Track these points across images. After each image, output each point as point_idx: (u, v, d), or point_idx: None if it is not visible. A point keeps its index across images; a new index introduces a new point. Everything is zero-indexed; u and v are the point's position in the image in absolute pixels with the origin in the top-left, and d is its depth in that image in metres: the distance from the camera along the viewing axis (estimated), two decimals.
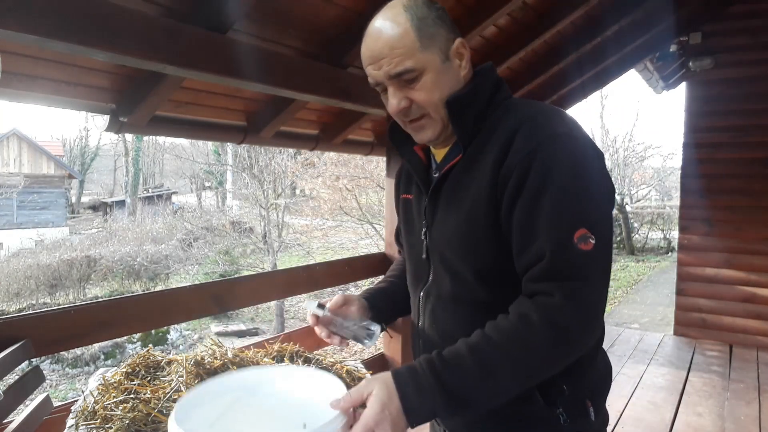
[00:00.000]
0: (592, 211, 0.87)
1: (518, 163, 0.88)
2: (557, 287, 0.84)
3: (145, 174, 30.46)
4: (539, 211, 0.87)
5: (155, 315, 2.17)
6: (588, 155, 0.91)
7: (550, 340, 0.83)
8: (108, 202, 26.50)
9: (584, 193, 0.88)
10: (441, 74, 0.95)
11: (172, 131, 2.63)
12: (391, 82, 0.95)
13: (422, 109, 0.97)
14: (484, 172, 0.93)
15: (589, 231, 0.85)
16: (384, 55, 0.93)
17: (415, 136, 1.03)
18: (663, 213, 15.08)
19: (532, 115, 0.94)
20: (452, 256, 1.00)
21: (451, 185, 1.00)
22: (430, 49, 0.93)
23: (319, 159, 11.46)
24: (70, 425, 1.04)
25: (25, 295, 11.36)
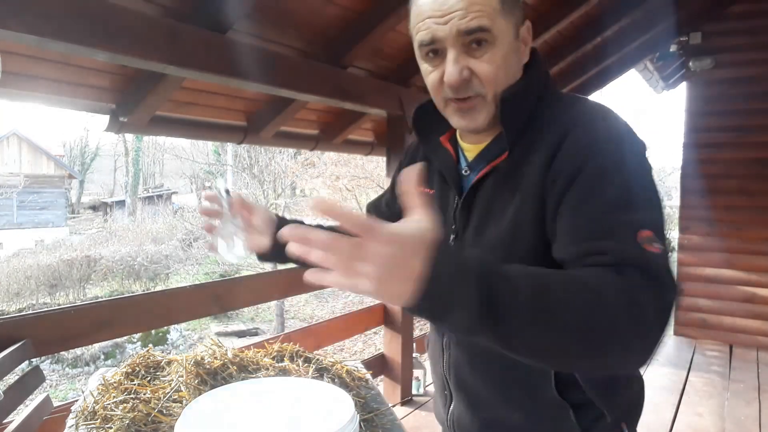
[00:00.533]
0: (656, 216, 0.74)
1: (569, 163, 0.77)
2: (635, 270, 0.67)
3: (145, 174, 30.47)
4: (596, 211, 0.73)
5: (155, 315, 2.17)
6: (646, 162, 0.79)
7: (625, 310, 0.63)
8: (108, 202, 26.51)
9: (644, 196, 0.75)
10: (511, 52, 0.83)
11: (172, 131, 2.63)
12: (457, 43, 0.80)
13: (481, 87, 0.82)
14: (530, 178, 0.81)
15: (653, 234, 0.70)
16: (458, 8, 0.78)
17: (458, 121, 0.87)
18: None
19: (586, 116, 0.83)
20: None
21: (492, 190, 0.87)
22: (508, 19, 0.82)
23: (319, 159, 11.46)
24: (70, 425, 1.04)
25: (25, 295, 11.36)
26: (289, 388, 0.99)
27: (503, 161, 0.86)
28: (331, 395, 0.95)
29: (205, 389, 1.13)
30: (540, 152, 0.81)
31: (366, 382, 1.31)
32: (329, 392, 0.96)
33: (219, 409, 0.90)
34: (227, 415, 0.89)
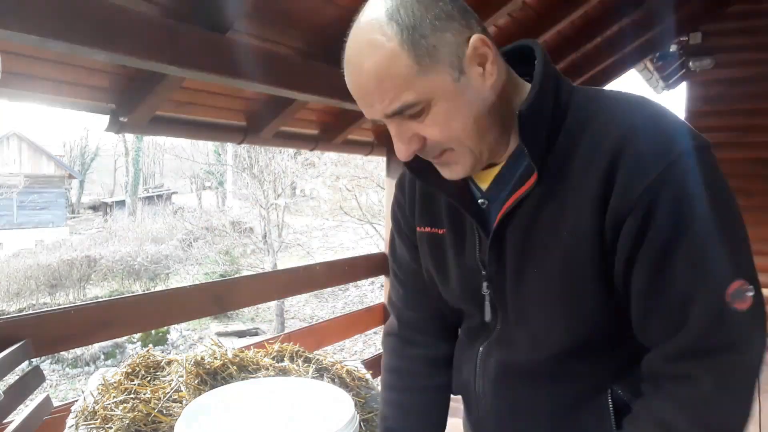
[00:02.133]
0: (744, 251, 0.66)
1: (635, 204, 0.64)
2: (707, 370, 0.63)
3: (145, 174, 30.47)
4: (674, 265, 0.64)
5: (155, 315, 2.17)
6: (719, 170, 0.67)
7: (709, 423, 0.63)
8: (108, 202, 26.52)
9: (730, 231, 0.66)
10: (456, 97, 0.68)
11: (172, 131, 2.63)
12: (392, 121, 0.72)
13: (443, 144, 0.72)
14: (578, 210, 0.68)
15: (746, 281, 0.63)
16: (372, 93, 0.69)
17: (446, 175, 0.76)
18: None
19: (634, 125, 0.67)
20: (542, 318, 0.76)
21: (527, 219, 0.73)
22: (435, 69, 0.66)
23: (319, 159, 11.46)
24: (70, 425, 1.04)
25: (25, 295, 11.37)
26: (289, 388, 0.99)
27: (532, 189, 0.72)
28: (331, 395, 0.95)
29: (205, 389, 1.13)
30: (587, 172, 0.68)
31: (366, 382, 1.32)
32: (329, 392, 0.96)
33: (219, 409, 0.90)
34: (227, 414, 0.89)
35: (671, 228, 0.63)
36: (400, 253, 0.96)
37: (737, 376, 0.63)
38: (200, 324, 10.66)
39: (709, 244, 0.63)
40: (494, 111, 0.71)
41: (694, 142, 0.65)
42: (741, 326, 0.63)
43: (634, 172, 0.64)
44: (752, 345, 0.63)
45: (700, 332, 0.63)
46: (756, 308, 0.63)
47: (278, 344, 1.55)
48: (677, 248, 0.63)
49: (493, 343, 0.83)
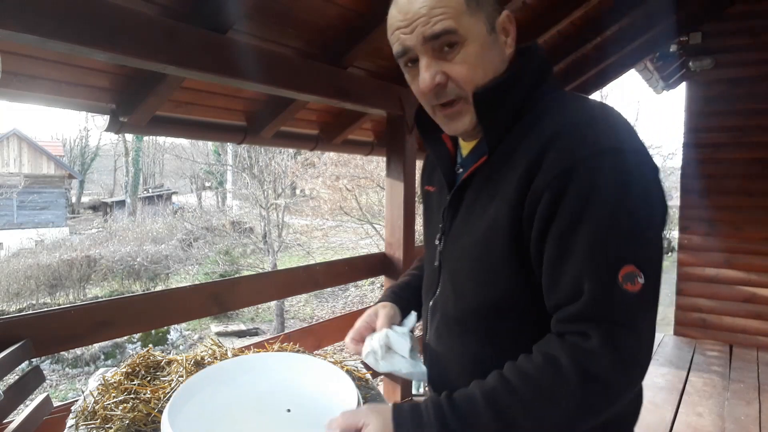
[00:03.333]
0: (643, 243, 0.73)
1: (550, 183, 0.74)
2: (595, 328, 0.71)
3: (145, 174, 30.47)
4: (576, 243, 0.73)
5: (155, 315, 2.16)
6: (640, 175, 0.74)
7: (582, 392, 0.70)
8: (108, 202, 26.51)
9: (633, 223, 0.73)
10: (486, 48, 0.80)
11: (172, 131, 2.62)
12: (426, 48, 0.80)
13: (459, 89, 0.81)
14: (508, 186, 0.79)
15: (637, 268, 0.71)
16: (422, 13, 0.78)
17: (446, 127, 0.88)
18: None
19: (572, 122, 0.77)
20: (463, 277, 0.87)
21: (474, 192, 0.86)
22: (477, 15, 0.79)
23: (319, 159, 11.46)
24: (70, 425, 1.04)
25: (25, 295, 11.36)
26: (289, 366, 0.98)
27: (485, 163, 0.84)
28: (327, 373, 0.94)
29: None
30: (524, 156, 0.78)
31: (366, 382, 1.32)
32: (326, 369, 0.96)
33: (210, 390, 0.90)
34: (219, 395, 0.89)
35: (578, 208, 0.72)
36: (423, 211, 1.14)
37: (623, 345, 0.70)
38: (200, 324, 10.65)
39: (610, 228, 0.72)
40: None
41: (613, 145, 0.74)
42: (629, 305, 0.71)
43: (557, 158, 0.74)
44: (637, 323, 0.72)
45: (593, 302, 0.71)
46: (645, 294, 0.71)
47: (278, 344, 1.55)
48: (581, 226, 0.72)
49: (438, 298, 0.95)
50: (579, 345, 0.71)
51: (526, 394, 0.71)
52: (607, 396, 0.72)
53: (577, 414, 0.71)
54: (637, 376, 0.73)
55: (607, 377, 0.70)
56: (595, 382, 0.70)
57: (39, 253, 14.19)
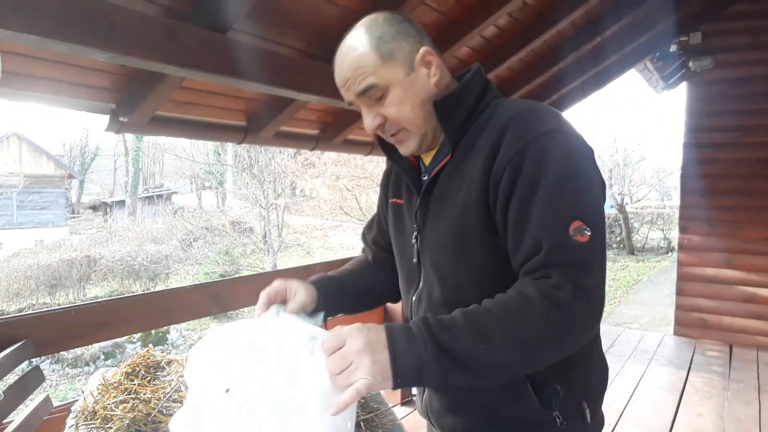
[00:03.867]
0: (587, 203, 0.87)
1: (509, 161, 0.88)
2: (554, 271, 0.84)
3: (145, 174, 30.47)
4: (533, 206, 0.86)
5: (155, 315, 2.16)
6: (579, 150, 0.91)
7: (547, 313, 0.81)
8: (108, 202, 26.51)
9: (577, 186, 0.88)
10: (408, 86, 0.95)
11: (172, 131, 2.62)
12: (361, 101, 0.97)
13: (396, 123, 0.98)
14: (473, 173, 0.93)
15: (584, 223, 0.85)
16: (349, 77, 0.95)
17: (400, 150, 1.04)
18: (663, 213, 15.07)
19: (519, 112, 0.93)
20: (444, 261, 0.99)
21: (441, 187, 1.00)
22: (392, 64, 0.94)
23: (319, 159, 11.46)
24: (70, 425, 1.04)
25: (25, 295, 11.36)
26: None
27: (448, 161, 0.99)
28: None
29: None
30: (482, 146, 0.93)
31: None
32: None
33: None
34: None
35: (532, 179, 0.87)
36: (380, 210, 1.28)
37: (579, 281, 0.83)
38: (200, 324, 10.65)
39: (560, 192, 0.86)
40: None
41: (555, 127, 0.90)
42: (580, 253, 0.84)
43: (510, 142, 0.89)
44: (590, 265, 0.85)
45: (551, 252, 0.85)
46: (592, 243, 0.85)
47: None
48: (535, 193, 0.86)
49: (421, 290, 1.06)
50: (544, 281, 0.84)
51: (499, 312, 0.83)
52: (571, 321, 0.83)
53: (544, 334, 0.82)
54: (595, 309, 0.85)
55: (568, 305, 0.82)
56: (558, 307, 0.81)
57: (39, 253, 14.19)
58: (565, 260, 0.84)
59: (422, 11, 2.65)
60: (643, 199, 18.36)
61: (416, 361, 0.78)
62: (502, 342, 0.81)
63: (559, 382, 0.95)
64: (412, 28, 0.98)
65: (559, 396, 0.95)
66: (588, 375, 1.01)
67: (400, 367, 0.78)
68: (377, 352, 0.77)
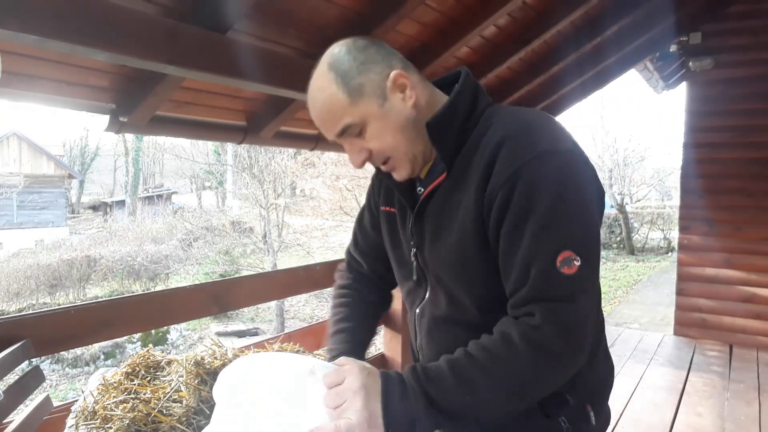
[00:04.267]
0: (579, 231, 0.84)
1: (500, 187, 0.86)
2: (538, 308, 0.83)
3: (145, 174, 30.47)
4: (522, 236, 0.84)
5: (155, 315, 2.16)
6: (574, 171, 0.87)
7: (529, 359, 0.82)
8: (108, 202, 26.51)
9: (569, 213, 0.84)
10: (384, 117, 0.92)
11: (172, 131, 2.62)
12: (342, 141, 0.95)
13: (382, 154, 0.95)
14: (468, 195, 0.91)
15: (574, 253, 0.82)
16: (324, 121, 0.94)
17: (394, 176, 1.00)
18: (663, 213, 15.08)
19: (513, 132, 0.89)
20: (449, 281, 0.98)
21: (437, 206, 0.97)
22: (363, 99, 0.90)
23: (319, 159, 11.46)
24: (70, 425, 1.04)
25: (25, 295, 11.36)
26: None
27: (444, 180, 0.96)
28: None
29: (204, 389, 1.13)
30: (477, 167, 0.90)
31: None
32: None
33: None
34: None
35: (523, 205, 0.84)
36: (365, 220, 1.24)
37: (563, 318, 0.82)
38: (200, 324, 10.65)
39: (549, 220, 0.83)
40: (419, 124, 0.94)
41: (550, 147, 0.86)
42: (566, 286, 0.82)
43: (504, 163, 0.86)
44: (575, 299, 0.83)
45: (536, 286, 0.83)
46: (581, 274, 0.83)
47: (278, 344, 1.55)
48: (526, 221, 0.84)
49: (425, 303, 1.05)
50: (527, 322, 0.83)
51: (481, 359, 0.83)
52: (554, 361, 0.82)
53: (529, 377, 0.83)
54: (579, 341, 0.84)
55: (551, 346, 0.81)
56: (540, 349, 0.81)
57: (39, 253, 14.19)
58: (548, 295, 0.83)
59: (422, 11, 2.65)
60: (643, 199, 18.37)
61: (408, 413, 0.80)
62: (489, 392, 0.82)
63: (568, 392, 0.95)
64: (378, 52, 0.94)
65: (564, 403, 0.96)
66: (592, 378, 1.01)
67: (392, 418, 0.79)
68: (370, 399, 0.79)
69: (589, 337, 0.85)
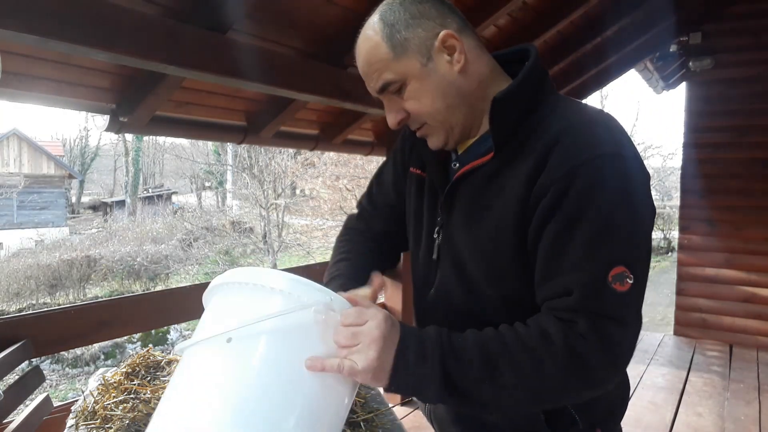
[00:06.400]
0: (634, 246, 0.77)
1: (555, 182, 0.78)
2: (584, 318, 0.75)
3: (145, 174, 30.45)
4: (573, 242, 0.77)
5: (155, 315, 2.17)
6: (635, 180, 0.79)
7: (567, 365, 0.74)
8: (108, 202, 26.50)
9: (627, 226, 0.77)
10: (425, 79, 0.85)
11: (172, 131, 2.63)
12: (382, 97, 0.91)
13: (418, 117, 0.89)
14: (515, 185, 0.83)
15: (627, 269, 0.75)
16: (366, 73, 0.89)
17: (429, 144, 0.94)
18: (663, 213, 15.07)
19: (575, 125, 0.82)
20: (473, 268, 0.90)
21: (476, 187, 0.89)
22: (406, 56, 0.85)
23: (319, 159, 11.46)
24: (70, 425, 1.04)
25: (25, 295, 11.36)
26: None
27: (489, 161, 0.88)
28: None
29: None
30: (527, 160, 0.82)
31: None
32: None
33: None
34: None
35: (577, 208, 0.77)
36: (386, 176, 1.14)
37: (609, 334, 0.75)
38: None
39: (604, 231, 0.76)
40: (464, 93, 0.88)
41: (614, 150, 0.79)
42: (616, 304, 0.76)
43: (560, 159, 0.79)
44: (624, 318, 0.76)
45: (586, 297, 0.76)
46: (632, 293, 0.76)
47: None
48: (578, 225, 0.77)
49: (439, 289, 0.97)
50: (570, 326, 0.76)
51: (514, 348, 0.76)
52: (588, 376, 0.76)
53: (556, 384, 0.76)
54: (619, 365, 0.78)
55: (590, 358, 0.75)
56: (578, 359, 0.75)
57: (39, 253, 14.18)
58: (598, 310, 0.75)
59: None
60: None
61: (419, 379, 0.74)
62: (512, 384, 0.75)
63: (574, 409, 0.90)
64: (434, 7, 0.87)
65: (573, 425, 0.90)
66: (606, 400, 0.95)
67: (401, 378, 0.74)
68: (385, 351, 0.73)
69: (629, 360, 0.79)
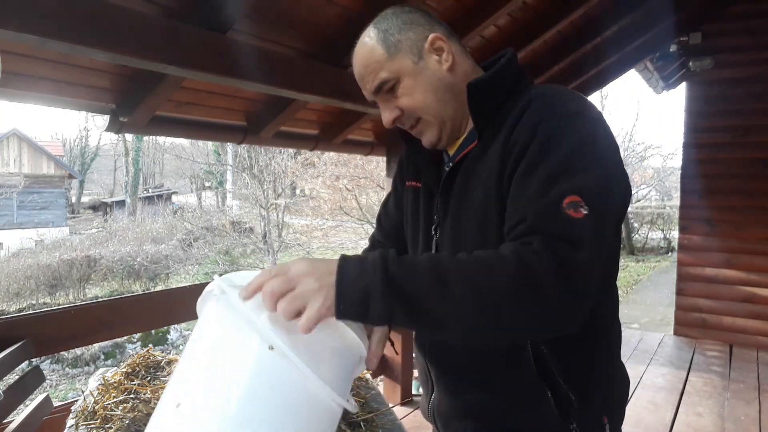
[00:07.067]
0: (591, 183, 0.78)
1: (522, 134, 0.84)
2: (538, 238, 0.75)
3: (145, 174, 30.45)
4: (531, 181, 0.80)
5: (155, 315, 2.17)
6: (599, 132, 0.85)
7: (517, 276, 0.72)
8: (108, 202, 26.49)
9: (586, 164, 0.80)
10: (417, 75, 0.94)
11: (172, 131, 2.63)
12: (377, 98, 0.98)
13: (412, 113, 0.96)
14: (494, 158, 0.89)
15: (582, 200, 0.76)
16: (363, 75, 0.97)
17: (423, 142, 1.02)
18: (663, 213, 15.08)
19: (543, 92, 0.90)
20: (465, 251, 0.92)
21: (464, 176, 0.95)
22: (399, 55, 0.94)
23: (319, 159, 11.47)
24: (70, 425, 1.04)
25: (25, 295, 11.36)
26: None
27: (474, 148, 0.95)
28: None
29: None
30: (503, 133, 0.89)
31: (366, 382, 1.32)
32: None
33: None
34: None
35: (539, 152, 0.82)
36: (389, 202, 1.24)
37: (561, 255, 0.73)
38: None
39: (563, 166, 0.80)
40: (453, 88, 0.96)
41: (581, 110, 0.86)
42: (569, 226, 0.76)
43: (528, 119, 0.86)
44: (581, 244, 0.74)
45: (535, 220, 0.78)
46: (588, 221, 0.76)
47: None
48: (538, 166, 0.81)
49: None
50: (523, 245, 0.76)
51: (466, 261, 0.75)
52: (541, 296, 0.72)
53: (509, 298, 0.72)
54: (576, 292, 0.73)
55: (542, 275, 0.72)
56: (530, 272, 0.72)
57: (39, 253, 14.17)
58: (551, 231, 0.75)
59: None
60: (643, 199, 18.37)
61: (362, 289, 0.70)
62: (459, 291, 0.71)
63: (577, 396, 0.90)
64: (422, 17, 0.97)
65: (576, 408, 0.90)
66: (609, 388, 0.98)
67: (346, 293, 0.70)
68: (324, 276, 0.71)
69: (587, 293, 0.75)
